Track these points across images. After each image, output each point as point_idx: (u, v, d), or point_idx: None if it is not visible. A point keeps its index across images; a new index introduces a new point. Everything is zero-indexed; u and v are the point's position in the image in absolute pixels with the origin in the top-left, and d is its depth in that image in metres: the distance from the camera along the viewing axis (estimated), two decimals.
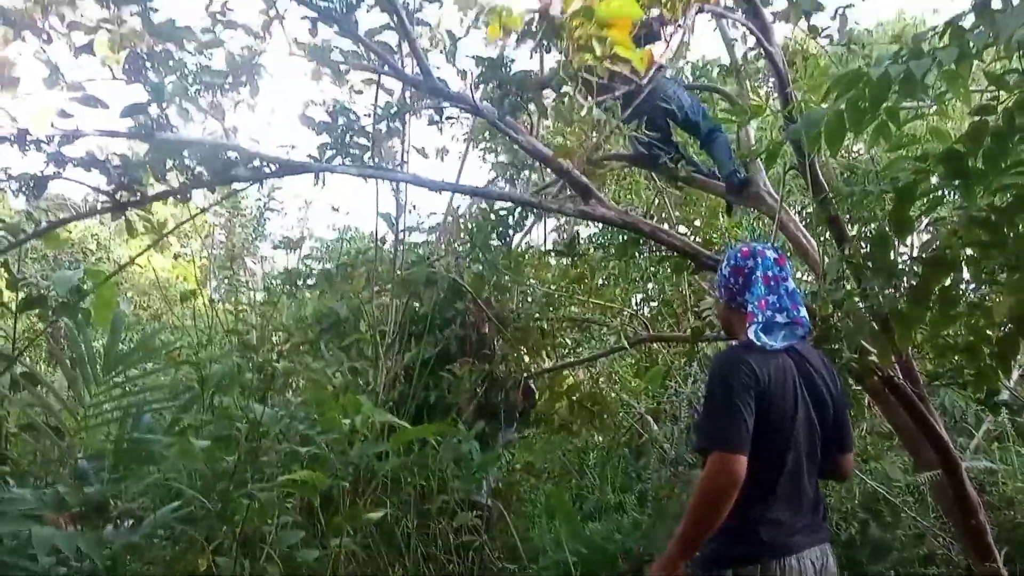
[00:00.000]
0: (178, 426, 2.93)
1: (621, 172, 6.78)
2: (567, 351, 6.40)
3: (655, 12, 3.99)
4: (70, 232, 15.32)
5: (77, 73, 2.97)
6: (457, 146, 7.23)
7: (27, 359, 6.42)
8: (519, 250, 5.32)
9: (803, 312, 2.77)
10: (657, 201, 6.34)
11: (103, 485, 2.52)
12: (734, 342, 2.83)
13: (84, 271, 4.21)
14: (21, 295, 3.51)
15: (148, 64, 2.99)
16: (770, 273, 2.76)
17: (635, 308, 6.88)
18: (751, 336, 2.63)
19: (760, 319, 2.65)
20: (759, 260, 2.79)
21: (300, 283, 4.78)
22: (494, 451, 4.72)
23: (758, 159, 4.32)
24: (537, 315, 5.19)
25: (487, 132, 5.55)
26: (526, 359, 5.26)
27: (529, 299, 5.26)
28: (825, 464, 2.76)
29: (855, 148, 7.56)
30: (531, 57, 3.43)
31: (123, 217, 3.53)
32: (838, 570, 2.74)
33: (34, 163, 3.28)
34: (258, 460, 2.51)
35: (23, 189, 3.29)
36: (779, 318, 2.67)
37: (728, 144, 4.87)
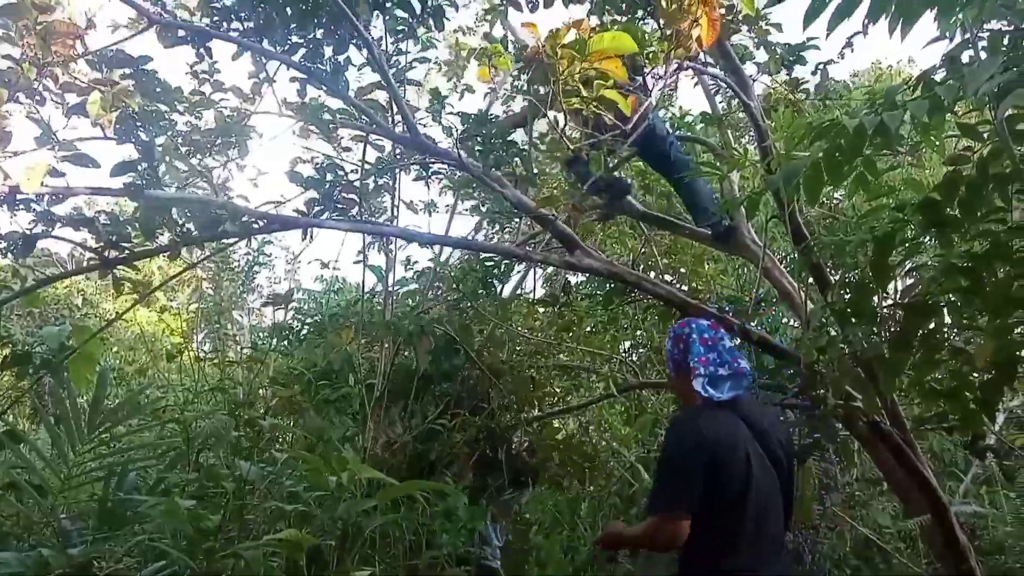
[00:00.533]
0: (163, 485, 2.91)
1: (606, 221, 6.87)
2: (556, 400, 6.38)
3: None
4: (56, 288, 15.26)
5: (69, 132, 3.00)
6: (445, 199, 7.33)
7: (9, 417, 6.37)
8: (508, 300, 5.34)
9: (744, 363, 3.06)
10: (644, 250, 6.40)
11: (86, 546, 2.49)
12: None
13: (71, 327, 4.20)
14: (5, 352, 3.50)
15: (139, 124, 3.04)
16: (706, 335, 3.08)
17: (624, 355, 6.89)
18: (698, 388, 2.90)
19: (704, 373, 2.94)
20: (694, 326, 3.13)
21: (289, 337, 4.80)
22: (488, 507, 4.72)
23: (741, 207, 4.40)
24: (528, 364, 5.20)
25: (473, 185, 5.65)
26: (517, 409, 5.26)
27: (518, 348, 5.28)
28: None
29: (836, 194, 7.68)
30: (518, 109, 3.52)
31: (110, 274, 3.55)
32: None
33: (21, 220, 3.30)
34: (244, 518, 2.49)
35: (11, 248, 3.31)
36: (722, 371, 2.97)
37: (711, 192, 4.96)
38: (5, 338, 3.77)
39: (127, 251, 3.31)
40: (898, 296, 3.97)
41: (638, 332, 6.44)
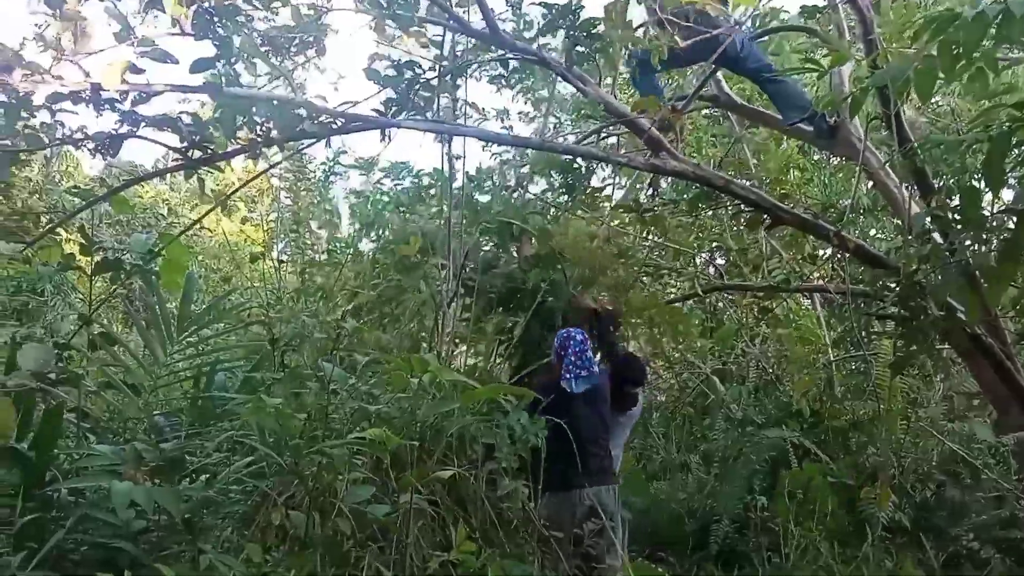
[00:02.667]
0: (250, 384, 2.95)
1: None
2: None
3: None
4: (141, 197, 15.68)
5: (147, 29, 2.95)
6: (518, 106, 7.08)
7: (105, 321, 6.61)
8: (591, 197, 5.16)
9: (595, 367, 4.55)
10: (725, 156, 6.08)
11: (179, 441, 2.55)
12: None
13: (158, 235, 4.27)
14: (96, 259, 3.57)
15: (216, 19, 2.96)
16: (578, 349, 4.47)
17: (709, 256, 6.64)
18: (564, 385, 4.38)
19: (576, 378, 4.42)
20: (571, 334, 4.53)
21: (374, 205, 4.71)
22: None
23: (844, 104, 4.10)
24: (620, 259, 5.04)
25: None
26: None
27: (602, 248, 5.11)
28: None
29: (937, 99, 7.19)
30: None
31: (196, 176, 3.55)
32: None
33: (106, 123, 3.30)
34: (328, 417, 2.50)
35: (100, 148, 3.31)
36: (583, 373, 4.43)
37: (801, 90, 4.65)
38: (97, 244, 3.83)
39: (210, 152, 3.28)
40: (1010, 204, 3.72)
41: (725, 235, 6.16)
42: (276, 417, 2.33)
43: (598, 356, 5.26)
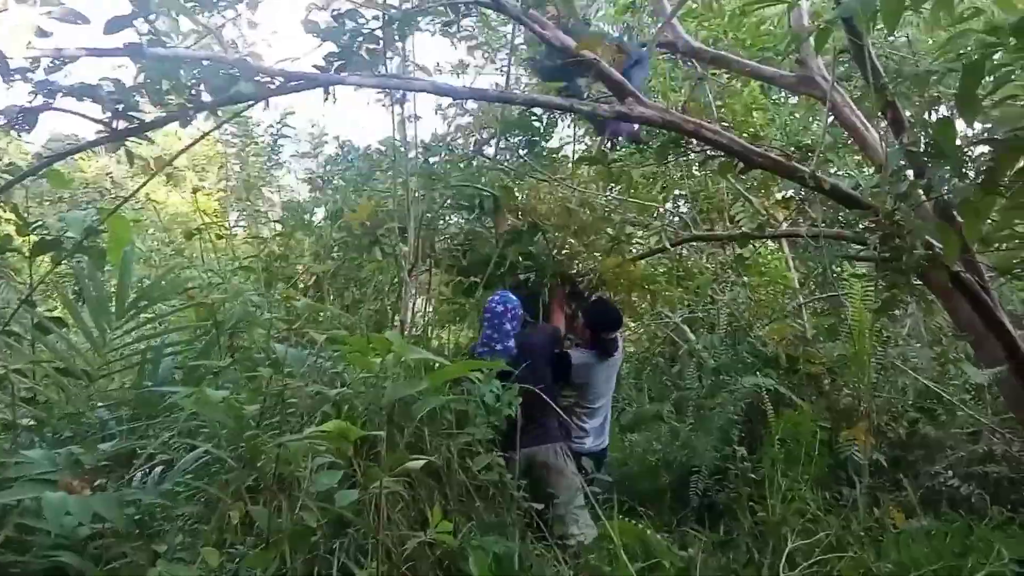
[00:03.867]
0: (196, 373, 2.73)
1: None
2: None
3: None
4: (84, 172, 15.07)
5: None
6: (474, 60, 6.78)
7: (55, 305, 6.28)
8: (551, 154, 4.98)
9: (510, 343, 4.52)
10: (687, 100, 5.89)
11: (120, 439, 2.35)
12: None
13: (97, 210, 3.98)
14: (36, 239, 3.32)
15: None
16: (495, 320, 4.49)
17: (675, 207, 6.49)
18: (501, 349, 4.38)
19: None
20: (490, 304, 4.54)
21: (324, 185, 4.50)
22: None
23: (810, 40, 3.94)
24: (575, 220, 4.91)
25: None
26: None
27: (565, 205, 4.97)
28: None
29: (904, 32, 7.04)
30: None
31: (123, 148, 3.27)
32: None
33: (20, 94, 3.01)
34: (285, 404, 2.31)
35: (13, 124, 3.02)
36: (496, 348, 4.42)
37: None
38: (34, 223, 3.55)
39: (137, 121, 3.01)
40: (985, 134, 3.59)
41: (688, 182, 6.00)
42: (224, 410, 2.13)
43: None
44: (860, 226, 3.56)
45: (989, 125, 3.74)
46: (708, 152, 4.04)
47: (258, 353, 2.53)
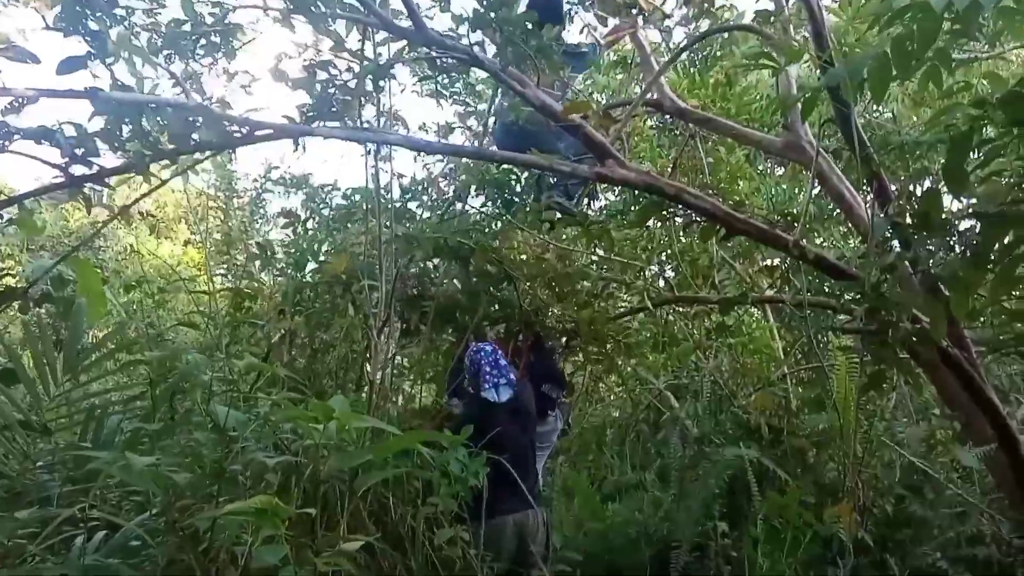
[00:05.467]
0: (139, 436, 2.55)
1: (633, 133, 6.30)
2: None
3: None
4: (67, 221, 14.92)
5: (1, 21, 2.56)
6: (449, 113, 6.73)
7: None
8: (533, 213, 4.89)
9: (512, 375, 4.43)
10: (678, 157, 5.82)
11: (38, 508, 2.16)
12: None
13: (66, 260, 3.84)
14: None
15: (88, 11, 2.57)
16: (491, 359, 4.38)
17: (659, 269, 6.38)
18: (486, 396, 4.27)
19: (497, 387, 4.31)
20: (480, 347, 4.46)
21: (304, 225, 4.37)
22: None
23: (797, 106, 3.89)
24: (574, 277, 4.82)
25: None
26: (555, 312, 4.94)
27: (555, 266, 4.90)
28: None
29: (888, 106, 7.08)
30: None
31: (81, 195, 3.14)
32: None
33: None
34: (224, 472, 2.13)
35: None
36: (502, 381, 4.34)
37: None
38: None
39: (96, 167, 2.88)
40: (974, 208, 3.52)
41: (672, 247, 5.92)
42: (151, 478, 1.96)
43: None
44: (846, 297, 3.45)
45: (974, 200, 3.68)
46: (691, 217, 3.95)
47: (198, 416, 2.36)
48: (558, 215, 4.91)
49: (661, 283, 6.80)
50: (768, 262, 6.19)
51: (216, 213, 10.05)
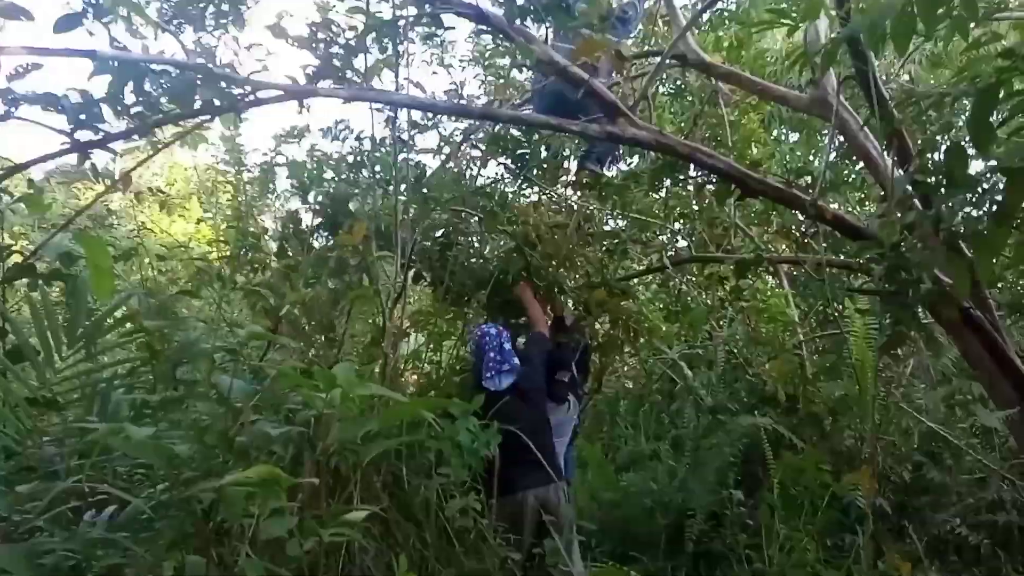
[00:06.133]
0: (141, 408, 2.50)
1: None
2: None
3: None
4: (79, 200, 14.88)
5: None
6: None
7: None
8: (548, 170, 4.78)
9: (515, 360, 4.44)
10: (700, 113, 5.66)
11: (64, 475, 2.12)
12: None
13: (74, 237, 3.79)
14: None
15: None
16: (495, 344, 4.41)
17: (673, 233, 6.23)
18: (487, 385, 4.31)
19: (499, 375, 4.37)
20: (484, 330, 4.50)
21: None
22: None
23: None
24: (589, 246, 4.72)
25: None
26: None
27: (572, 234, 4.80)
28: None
29: (893, 67, 6.92)
30: None
31: (90, 163, 3.08)
32: None
33: None
34: (231, 444, 2.07)
35: None
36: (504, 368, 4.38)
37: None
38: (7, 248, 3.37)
39: (101, 133, 2.81)
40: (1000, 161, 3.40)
41: (689, 207, 5.77)
42: (153, 450, 1.90)
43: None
44: (864, 258, 3.35)
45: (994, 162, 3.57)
46: (707, 177, 3.85)
47: (201, 387, 2.31)
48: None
49: (679, 241, 6.66)
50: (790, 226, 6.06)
51: (226, 188, 9.96)
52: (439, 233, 4.72)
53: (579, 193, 4.86)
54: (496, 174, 5.21)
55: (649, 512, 6.13)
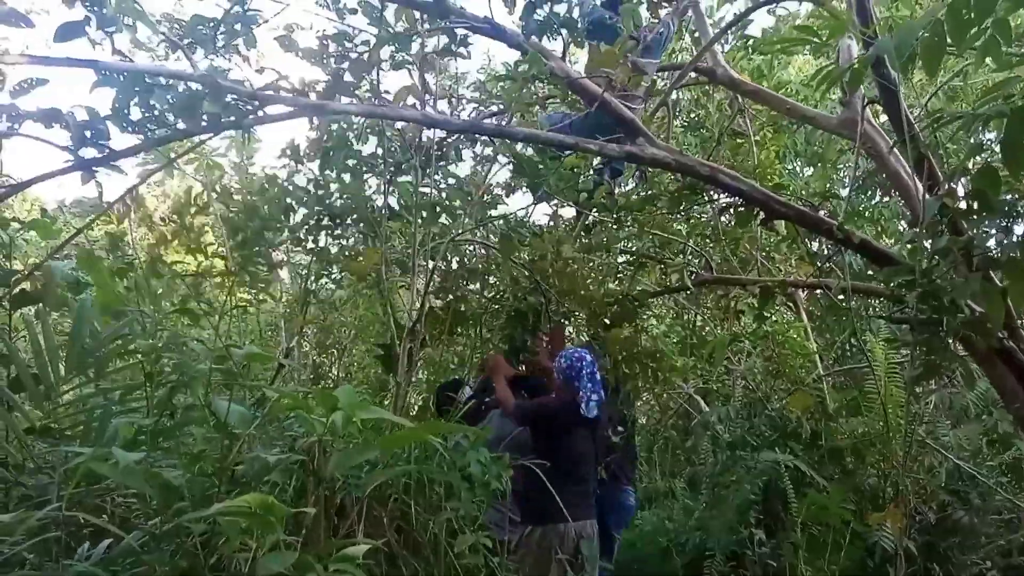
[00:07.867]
0: (136, 434, 2.37)
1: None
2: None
3: None
4: (92, 229, 14.91)
5: None
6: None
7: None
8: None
9: (602, 391, 4.29)
10: (726, 127, 5.52)
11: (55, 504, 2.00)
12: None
13: (76, 259, 3.72)
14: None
15: None
16: (591, 370, 4.24)
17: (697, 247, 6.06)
18: (584, 411, 4.17)
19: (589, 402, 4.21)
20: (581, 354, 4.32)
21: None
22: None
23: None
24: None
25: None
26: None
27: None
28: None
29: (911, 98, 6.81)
30: None
31: (94, 181, 2.99)
32: None
33: None
34: (226, 471, 1.95)
35: None
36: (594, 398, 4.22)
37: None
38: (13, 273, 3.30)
39: (107, 150, 2.72)
40: None
41: (711, 227, 5.62)
42: (145, 477, 1.77)
43: None
44: (895, 285, 3.20)
45: None
46: (726, 201, 3.74)
47: (198, 411, 2.18)
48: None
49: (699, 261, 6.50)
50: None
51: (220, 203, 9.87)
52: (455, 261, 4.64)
53: (596, 211, 4.72)
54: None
55: (665, 552, 5.96)
